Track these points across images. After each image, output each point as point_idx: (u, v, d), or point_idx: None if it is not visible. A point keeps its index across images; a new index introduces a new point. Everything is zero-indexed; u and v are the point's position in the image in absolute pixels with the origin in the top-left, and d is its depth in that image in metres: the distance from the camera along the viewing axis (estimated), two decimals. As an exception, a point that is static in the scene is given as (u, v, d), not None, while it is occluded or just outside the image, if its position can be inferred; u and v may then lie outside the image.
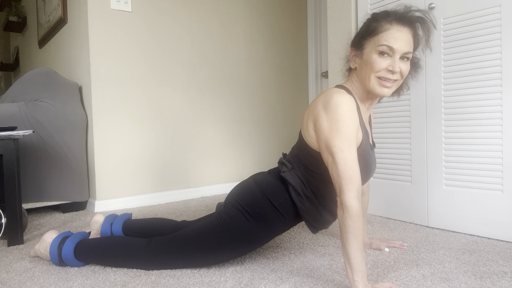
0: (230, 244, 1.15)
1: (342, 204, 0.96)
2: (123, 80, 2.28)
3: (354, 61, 1.14)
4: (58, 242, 1.24)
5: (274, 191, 1.15)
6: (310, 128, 1.09)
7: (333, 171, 0.98)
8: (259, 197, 1.14)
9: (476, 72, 1.50)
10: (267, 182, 1.18)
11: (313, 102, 1.09)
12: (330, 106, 1.01)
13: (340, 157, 0.97)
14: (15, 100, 2.08)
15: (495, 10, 1.44)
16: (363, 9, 1.93)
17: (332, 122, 0.99)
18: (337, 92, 1.03)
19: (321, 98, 1.06)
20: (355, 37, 1.14)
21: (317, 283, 1.08)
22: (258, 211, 1.13)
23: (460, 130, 1.56)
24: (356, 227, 0.95)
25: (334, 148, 0.98)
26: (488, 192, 1.49)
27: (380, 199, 1.88)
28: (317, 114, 1.04)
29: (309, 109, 1.11)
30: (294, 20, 3.18)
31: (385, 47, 1.03)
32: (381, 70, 1.05)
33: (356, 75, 1.14)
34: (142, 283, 1.11)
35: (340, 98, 1.01)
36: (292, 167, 1.16)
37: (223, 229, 1.15)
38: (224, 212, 1.17)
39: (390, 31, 1.04)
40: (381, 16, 1.07)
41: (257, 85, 2.93)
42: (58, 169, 2.10)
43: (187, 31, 2.54)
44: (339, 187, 0.97)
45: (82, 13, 2.25)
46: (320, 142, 1.03)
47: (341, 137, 0.98)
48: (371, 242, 1.38)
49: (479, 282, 1.07)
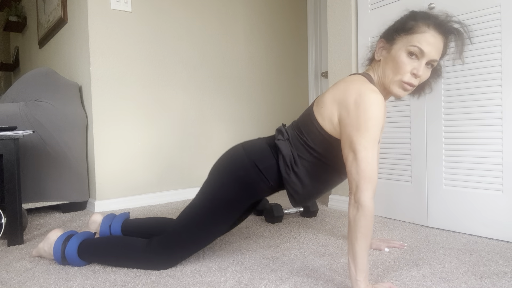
0: (217, 210, 1.15)
1: (358, 203, 0.95)
2: (123, 80, 2.28)
3: (380, 53, 1.12)
4: (62, 240, 1.25)
5: (261, 155, 1.16)
6: (332, 113, 1.05)
7: (352, 168, 0.97)
8: (245, 160, 1.16)
9: (476, 72, 1.50)
10: (255, 146, 1.19)
11: (343, 89, 1.04)
12: (363, 104, 0.98)
13: (364, 156, 0.96)
14: (15, 100, 2.08)
15: (495, 10, 1.44)
16: (363, 9, 1.93)
17: (362, 120, 0.97)
18: (372, 91, 0.99)
19: (353, 91, 1.01)
20: (388, 29, 1.12)
21: (317, 283, 1.08)
22: (243, 174, 1.14)
23: (460, 130, 1.56)
24: (368, 227, 0.95)
25: (359, 146, 0.96)
26: (488, 192, 1.49)
27: (380, 199, 1.88)
28: (347, 106, 1.01)
29: (336, 94, 1.06)
30: (294, 20, 3.18)
31: (416, 49, 1.03)
32: (407, 73, 1.05)
33: (378, 68, 1.12)
34: (142, 283, 1.11)
35: (374, 98, 0.98)
36: (288, 138, 1.16)
37: (209, 199, 1.16)
38: (207, 182, 1.19)
39: (425, 34, 1.03)
40: (421, 17, 1.06)
41: (257, 85, 2.94)
42: (58, 169, 2.10)
43: (187, 31, 2.54)
44: (356, 185, 0.96)
45: (82, 13, 2.25)
46: (344, 136, 1.00)
47: (368, 136, 0.96)
48: (371, 242, 1.38)
49: (479, 282, 1.07)
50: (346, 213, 1.98)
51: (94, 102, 2.19)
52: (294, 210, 1.89)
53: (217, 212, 1.16)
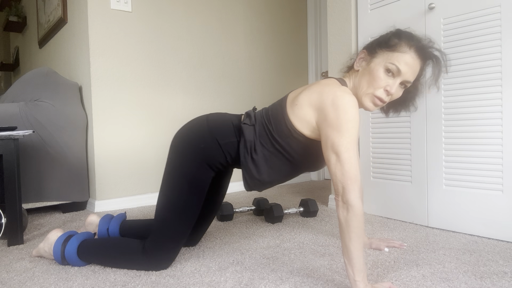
0: (184, 188, 1.17)
1: (347, 204, 0.96)
2: (123, 80, 2.28)
3: (359, 63, 1.14)
4: (62, 241, 1.25)
5: (223, 131, 1.19)
6: (309, 115, 1.07)
7: (336, 170, 0.98)
8: (206, 134, 1.18)
9: (476, 72, 1.50)
10: (219, 121, 1.22)
11: (319, 92, 1.06)
12: (341, 106, 0.99)
13: (347, 156, 0.97)
14: (15, 100, 2.08)
15: (495, 10, 1.44)
16: (363, 9, 1.93)
17: (342, 121, 0.98)
18: (347, 93, 1.02)
19: (329, 94, 1.03)
20: (372, 42, 1.14)
21: (317, 283, 1.08)
22: (203, 146, 1.17)
23: (460, 130, 1.56)
24: (361, 227, 0.96)
25: (341, 147, 0.97)
26: (488, 192, 1.49)
27: (380, 199, 1.88)
28: (324, 109, 1.02)
29: (312, 96, 1.07)
30: (294, 20, 3.18)
31: (394, 67, 1.05)
32: (380, 88, 1.07)
33: (355, 77, 1.15)
34: (142, 283, 1.11)
35: (350, 99, 1.00)
36: (254, 124, 1.18)
37: (174, 177, 1.18)
38: (169, 159, 1.22)
39: (405, 54, 1.05)
40: (405, 36, 1.08)
41: (257, 84, 2.94)
42: (58, 169, 2.10)
43: (187, 31, 2.54)
44: (343, 187, 0.97)
45: (82, 13, 2.25)
46: (324, 139, 1.01)
47: (349, 137, 0.98)
48: (371, 242, 1.38)
49: (479, 282, 1.07)
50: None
51: (94, 102, 2.19)
52: (294, 210, 1.89)
53: (184, 189, 1.17)
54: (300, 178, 3.25)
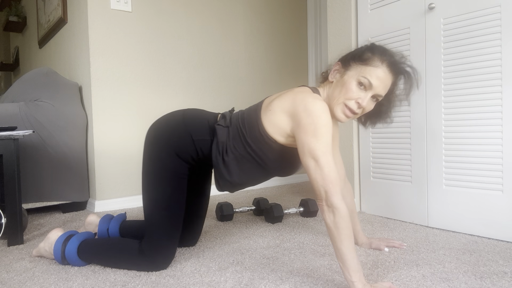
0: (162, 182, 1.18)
1: (332, 207, 0.97)
2: (123, 80, 2.28)
3: (334, 75, 1.16)
4: (63, 240, 1.25)
5: (198, 129, 1.21)
6: (283, 122, 1.09)
7: (316, 175, 0.99)
8: (181, 129, 1.20)
9: (476, 72, 1.50)
10: (195, 118, 1.24)
11: (292, 100, 1.08)
12: (314, 112, 1.02)
13: (325, 160, 0.99)
14: (15, 100, 2.08)
15: (495, 10, 1.44)
16: (363, 9, 1.93)
17: (317, 127, 1.00)
18: (319, 99, 1.04)
19: (301, 101, 1.06)
20: (347, 55, 1.16)
21: (317, 283, 1.08)
22: (176, 140, 1.19)
23: (460, 130, 1.56)
24: (349, 227, 0.97)
25: (318, 151, 0.99)
26: (488, 192, 1.49)
27: (380, 199, 1.88)
28: (297, 116, 1.04)
29: (284, 104, 1.09)
30: (294, 20, 3.18)
31: (366, 81, 1.07)
32: (352, 99, 1.09)
33: (329, 88, 1.17)
34: (142, 283, 1.11)
35: (321, 105, 1.03)
36: (228, 126, 1.19)
37: (151, 174, 1.20)
38: (144, 155, 1.23)
39: (378, 69, 1.08)
40: (378, 51, 1.10)
41: (257, 84, 2.94)
42: (58, 169, 2.10)
43: (187, 31, 2.54)
44: (325, 190, 0.98)
45: (82, 13, 2.25)
46: (301, 145, 1.02)
47: (325, 141, 1.00)
48: (371, 242, 1.38)
49: (479, 282, 1.07)
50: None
51: (94, 102, 2.19)
52: (294, 210, 1.89)
53: (163, 183, 1.18)
54: (300, 178, 3.25)
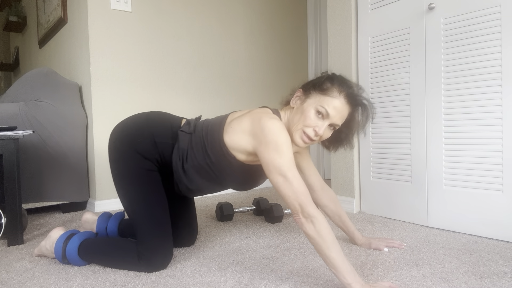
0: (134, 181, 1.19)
1: (310, 217, 0.98)
2: (123, 80, 2.28)
3: (295, 101, 1.19)
4: (64, 239, 1.26)
5: (161, 130, 1.23)
6: (243, 140, 1.11)
7: (287, 191, 1.00)
8: (145, 130, 1.22)
9: (476, 72, 1.50)
10: (159, 120, 1.27)
11: (251, 120, 1.11)
12: (273, 130, 1.04)
13: (292, 175, 1.01)
14: (15, 100, 2.08)
15: (495, 10, 1.44)
16: (363, 9, 1.93)
17: (278, 144, 1.03)
18: (274, 119, 1.08)
19: (258, 121, 1.08)
20: (308, 83, 1.19)
21: (317, 283, 1.08)
22: (140, 141, 1.21)
23: (460, 130, 1.56)
24: (331, 232, 0.98)
25: (284, 167, 1.01)
26: (488, 192, 1.49)
27: (380, 199, 1.88)
28: (258, 135, 1.07)
29: (243, 124, 1.12)
30: (294, 20, 3.18)
31: (324, 110, 1.11)
32: (310, 127, 1.12)
33: (290, 113, 1.19)
34: (142, 283, 1.11)
35: (280, 125, 1.07)
36: (192, 133, 1.21)
37: (122, 177, 1.21)
38: (111, 161, 1.25)
39: (335, 100, 1.11)
40: (337, 82, 1.13)
41: (257, 84, 2.93)
42: (58, 169, 2.10)
43: (187, 31, 2.54)
44: (299, 204, 0.99)
45: (82, 13, 2.25)
46: (265, 163, 1.04)
47: (288, 157, 1.03)
48: (370, 242, 1.38)
49: (479, 282, 1.07)
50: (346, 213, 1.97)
51: (94, 102, 2.19)
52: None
53: (135, 183, 1.19)
54: (300, 178, 3.24)
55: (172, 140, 1.22)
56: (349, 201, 2.01)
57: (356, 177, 2.00)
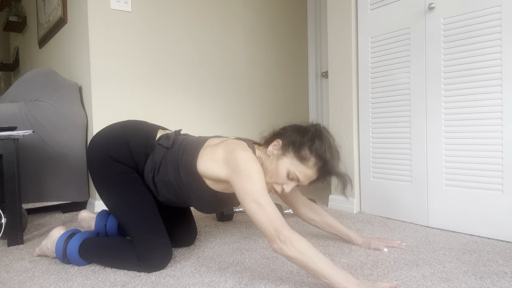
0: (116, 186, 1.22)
1: (288, 239, 0.97)
2: (123, 80, 2.28)
3: (272, 150, 1.18)
4: (65, 238, 1.26)
5: (136, 139, 1.25)
6: (217, 169, 1.13)
7: (261, 217, 1.00)
8: (121, 140, 1.24)
9: (476, 72, 1.50)
10: (135, 128, 1.29)
11: (225, 151, 1.13)
12: (245, 161, 1.07)
13: (265, 200, 1.02)
14: (15, 100, 2.08)
15: (495, 10, 1.44)
16: (363, 9, 1.93)
17: (250, 173, 1.05)
18: (249, 151, 1.12)
19: (231, 151, 1.11)
20: (289, 137, 1.18)
21: (317, 283, 1.08)
22: (116, 150, 1.23)
23: (460, 130, 1.56)
24: (312, 247, 0.98)
25: (257, 194, 1.03)
26: (488, 192, 1.49)
27: (380, 199, 1.88)
28: (231, 165, 1.09)
29: (216, 153, 1.14)
30: (294, 20, 3.18)
31: (295, 176, 1.14)
32: (279, 185, 1.17)
33: (264, 156, 1.20)
34: (142, 283, 1.11)
35: (252, 156, 1.10)
36: (169, 149, 1.22)
37: (103, 184, 1.23)
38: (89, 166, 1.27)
39: (309, 170, 1.14)
40: (315, 152, 1.13)
41: (257, 84, 2.93)
42: (58, 169, 2.10)
43: (187, 31, 2.54)
44: (274, 228, 0.99)
45: (82, 13, 2.25)
46: (238, 192, 1.06)
47: (261, 184, 1.05)
48: (370, 242, 1.38)
49: (479, 282, 1.07)
50: (346, 213, 1.98)
51: (94, 102, 2.19)
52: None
53: (117, 188, 1.21)
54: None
55: (147, 149, 1.24)
56: (349, 201, 2.01)
57: (356, 177, 2.00)
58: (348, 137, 2.02)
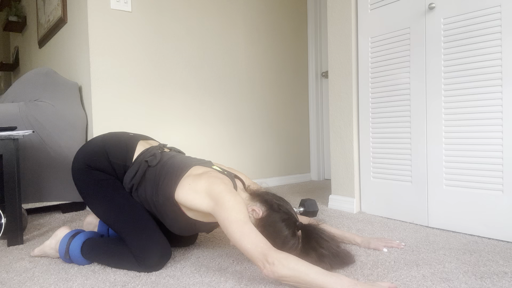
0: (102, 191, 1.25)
1: (277, 260, 0.97)
2: (123, 80, 2.28)
3: (254, 214, 1.17)
4: (69, 237, 1.27)
5: (115, 151, 1.29)
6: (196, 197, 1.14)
7: (246, 243, 1.01)
8: (100, 151, 1.29)
9: (476, 72, 1.50)
10: (114, 140, 1.33)
11: (207, 182, 1.14)
12: (229, 193, 1.10)
13: (248, 228, 1.03)
14: (15, 100, 2.08)
15: (495, 10, 1.44)
16: (363, 9, 1.93)
17: (234, 203, 1.07)
18: (232, 186, 1.16)
19: (213, 185, 1.13)
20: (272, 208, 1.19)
21: (317, 283, 1.08)
22: (95, 159, 1.28)
23: (460, 130, 1.56)
24: (301, 260, 0.98)
25: (240, 221, 1.04)
26: (488, 192, 1.48)
27: (380, 199, 1.88)
28: (214, 197, 1.11)
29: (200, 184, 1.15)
30: (294, 20, 3.18)
31: None
32: None
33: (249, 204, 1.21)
34: (142, 283, 1.11)
35: (232, 189, 1.14)
36: (155, 165, 1.26)
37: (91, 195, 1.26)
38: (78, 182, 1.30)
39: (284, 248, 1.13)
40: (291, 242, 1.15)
41: (257, 85, 2.93)
42: (58, 169, 2.10)
43: (187, 31, 2.54)
44: (262, 253, 0.99)
45: (82, 13, 2.25)
46: (222, 221, 1.07)
47: (244, 213, 1.07)
48: (369, 242, 1.38)
49: (479, 282, 1.07)
50: (346, 213, 1.98)
51: (94, 102, 2.19)
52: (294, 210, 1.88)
53: (104, 196, 1.24)
54: (300, 178, 3.25)
55: (126, 161, 1.28)
56: (349, 201, 2.01)
57: (356, 177, 2.00)
58: (348, 137, 2.02)
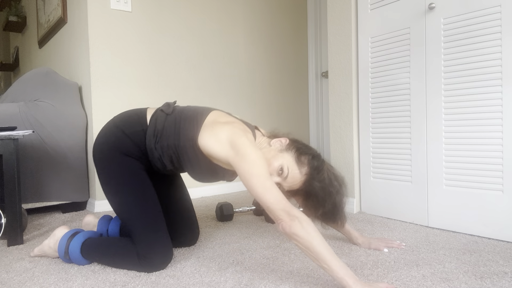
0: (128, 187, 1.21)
1: (296, 217, 0.98)
2: (123, 80, 2.28)
3: (276, 142, 1.19)
4: (68, 236, 1.26)
5: (128, 122, 1.26)
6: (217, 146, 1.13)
7: (270, 197, 1.01)
8: (113, 129, 1.25)
9: (476, 72, 1.50)
10: (123, 115, 1.30)
11: (230, 133, 1.13)
12: (249, 147, 1.08)
13: (270, 184, 1.03)
14: (15, 100, 2.08)
15: (495, 10, 1.44)
16: (363, 9, 1.93)
17: (256, 158, 1.06)
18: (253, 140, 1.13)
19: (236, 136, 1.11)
20: (296, 144, 1.20)
21: (317, 283, 1.08)
22: (114, 140, 1.23)
23: (460, 130, 1.56)
24: (319, 233, 0.98)
25: (262, 177, 1.03)
26: (488, 192, 1.48)
27: (380, 199, 1.88)
28: (236, 148, 1.09)
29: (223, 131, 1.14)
30: (294, 20, 3.18)
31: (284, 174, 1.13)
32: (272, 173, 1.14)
33: (264, 143, 1.21)
34: (142, 283, 1.11)
35: (255, 145, 1.12)
36: (169, 114, 1.25)
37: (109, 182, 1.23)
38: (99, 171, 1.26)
39: (298, 176, 1.14)
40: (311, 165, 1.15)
41: (257, 85, 2.93)
42: (58, 169, 2.10)
43: (187, 31, 2.54)
44: (282, 209, 0.99)
45: (82, 13, 2.25)
46: (244, 174, 1.06)
47: (264, 168, 1.05)
48: (370, 242, 1.38)
49: (479, 282, 1.07)
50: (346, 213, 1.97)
51: (94, 102, 2.19)
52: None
53: (122, 185, 1.21)
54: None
55: (142, 126, 1.25)
56: (349, 201, 2.00)
57: (356, 177, 2.00)
58: (348, 137, 2.02)
